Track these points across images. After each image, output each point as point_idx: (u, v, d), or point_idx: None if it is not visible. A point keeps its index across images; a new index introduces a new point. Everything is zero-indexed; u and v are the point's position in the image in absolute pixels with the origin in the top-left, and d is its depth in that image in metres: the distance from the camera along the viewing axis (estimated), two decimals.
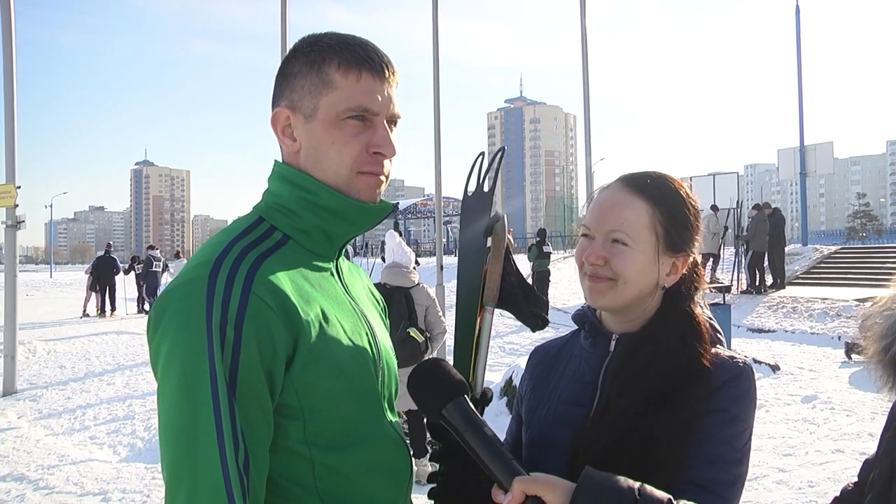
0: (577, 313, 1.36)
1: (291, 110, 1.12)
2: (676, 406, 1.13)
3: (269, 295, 1.00)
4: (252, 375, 0.96)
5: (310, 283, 1.09)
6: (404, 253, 5.50)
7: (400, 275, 5.31)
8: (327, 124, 1.10)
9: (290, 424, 1.03)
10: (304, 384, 1.03)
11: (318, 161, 1.12)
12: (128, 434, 7.10)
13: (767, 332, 12.41)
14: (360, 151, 1.11)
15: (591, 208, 1.27)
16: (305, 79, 1.11)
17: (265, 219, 1.13)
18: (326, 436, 1.05)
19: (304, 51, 1.12)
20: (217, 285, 0.98)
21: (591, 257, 1.22)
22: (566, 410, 1.26)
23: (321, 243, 1.15)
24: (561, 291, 17.29)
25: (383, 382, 1.17)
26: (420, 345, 5.13)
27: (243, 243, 1.06)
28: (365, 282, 1.36)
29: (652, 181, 1.26)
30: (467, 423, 1.04)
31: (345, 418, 1.07)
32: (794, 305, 13.75)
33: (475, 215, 1.33)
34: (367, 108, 1.10)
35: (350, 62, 1.10)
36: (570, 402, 1.26)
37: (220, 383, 0.94)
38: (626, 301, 1.23)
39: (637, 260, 1.21)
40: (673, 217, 1.24)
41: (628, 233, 1.21)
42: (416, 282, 5.36)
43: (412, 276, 5.35)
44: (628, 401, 1.15)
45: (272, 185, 1.17)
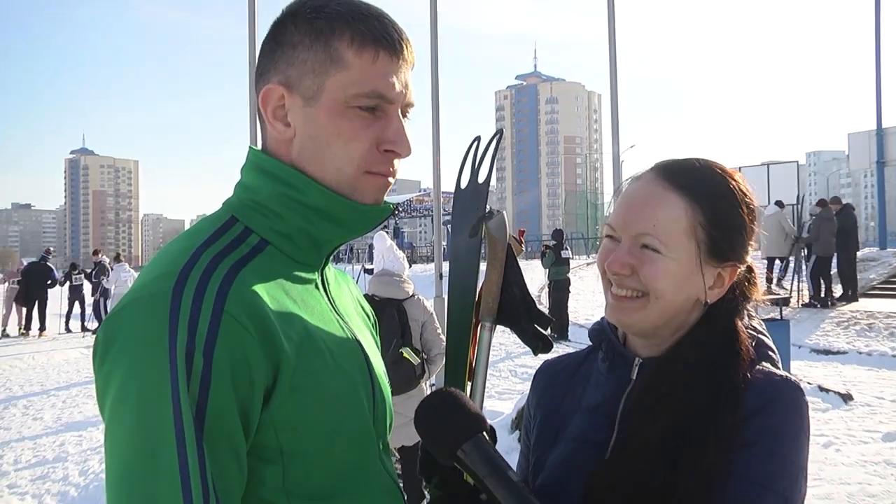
0: (595, 328, 1.35)
1: (287, 88, 1.11)
2: (702, 444, 1.12)
3: (245, 314, 0.99)
4: (224, 413, 0.96)
5: (291, 298, 1.09)
6: (396, 259, 5.48)
7: (391, 285, 5.29)
8: (333, 111, 1.09)
9: (266, 470, 1.02)
10: (285, 422, 1.02)
11: (316, 154, 1.11)
12: (58, 481, 7.04)
13: (836, 353, 12.37)
14: (369, 147, 1.11)
15: (618, 204, 1.26)
16: (308, 52, 1.09)
17: (239, 219, 1.12)
18: (309, 484, 1.05)
19: (306, 16, 1.10)
20: (183, 302, 0.97)
21: (615, 265, 1.21)
22: (578, 450, 1.26)
23: (306, 249, 1.14)
24: (583, 304, 17.30)
25: (377, 416, 1.18)
26: (415, 368, 5.10)
27: (214, 250, 1.05)
28: (354, 292, 1.37)
29: (694, 171, 1.24)
30: (489, 467, 1.05)
31: (332, 462, 1.07)
32: (869, 322, 13.73)
33: (468, 212, 1.35)
34: (382, 94, 1.10)
35: (366, 38, 1.09)
36: (583, 439, 1.27)
37: (187, 422, 0.92)
38: (656, 321, 1.22)
39: (671, 270, 1.19)
40: (719, 218, 1.21)
41: (660, 237, 1.19)
42: (411, 293, 5.34)
43: (406, 286, 5.33)
44: (647, 439, 1.15)
45: (247, 178, 1.16)
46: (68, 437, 8.44)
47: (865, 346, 12.49)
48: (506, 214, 1.31)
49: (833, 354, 12.33)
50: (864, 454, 6.74)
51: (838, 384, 9.60)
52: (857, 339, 12.99)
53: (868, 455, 6.71)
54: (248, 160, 1.17)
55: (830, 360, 12.04)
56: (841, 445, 6.99)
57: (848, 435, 7.38)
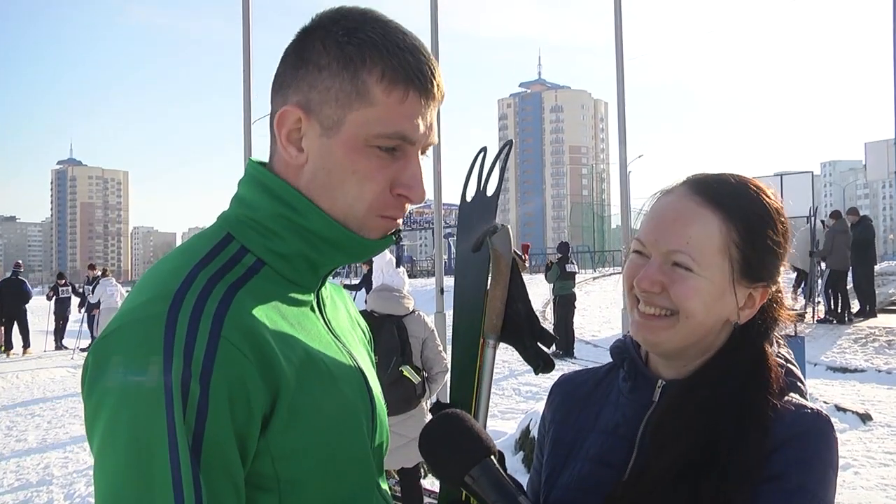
0: (617, 346, 1.35)
1: (306, 113, 1.09)
2: (724, 471, 1.11)
3: (243, 339, 0.98)
4: (222, 443, 0.95)
5: (288, 321, 1.09)
6: (395, 273, 5.49)
7: (391, 300, 5.28)
8: (351, 147, 1.08)
9: (262, 498, 1.02)
10: (284, 450, 1.02)
11: (328, 187, 1.10)
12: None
13: (854, 371, 12.32)
14: (382, 190, 1.10)
15: (649, 218, 1.26)
16: (334, 80, 1.07)
17: (235, 237, 1.11)
18: None
19: (337, 38, 1.08)
20: (178, 327, 0.96)
21: (645, 282, 1.20)
22: (595, 471, 1.26)
23: (303, 271, 1.14)
24: (590, 321, 17.28)
25: (374, 439, 1.18)
26: (416, 387, 5.10)
27: (210, 270, 1.04)
28: (349, 309, 1.37)
29: (729, 188, 1.23)
30: (498, 493, 1.06)
31: (329, 488, 1.07)
32: (888, 338, 13.70)
33: (475, 225, 1.35)
34: (405, 136, 1.08)
35: (397, 75, 1.07)
36: (599, 459, 1.27)
37: (183, 453, 0.91)
38: (684, 342, 1.22)
39: (703, 289, 1.19)
40: (754, 237, 1.21)
41: (693, 255, 1.19)
42: (411, 309, 5.34)
43: (405, 301, 5.33)
44: (669, 465, 1.14)
45: (246, 193, 1.15)
46: (53, 460, 8.41)
47: (885, 364, 12.44)
48: (510, 228, 1.30)
49: (850, 372, 12.28)
50: (885, 477, 6.71)
51: (856, 403, 9.55)
52: (875, 357, 12.95)
53: (889, 478, 6.67)
54: (247, 174, 1.16)
55: (848, 378, 11.99)
56: (860, 468, 6.96)
57: (867, 457, 7.35)
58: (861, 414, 8.88)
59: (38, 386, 13.21)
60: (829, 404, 8.98)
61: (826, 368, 12.50)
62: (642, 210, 1.31)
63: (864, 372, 12.19)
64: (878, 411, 9.27)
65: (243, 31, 8.28)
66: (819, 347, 13.49)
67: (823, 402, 9.27)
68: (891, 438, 8.08)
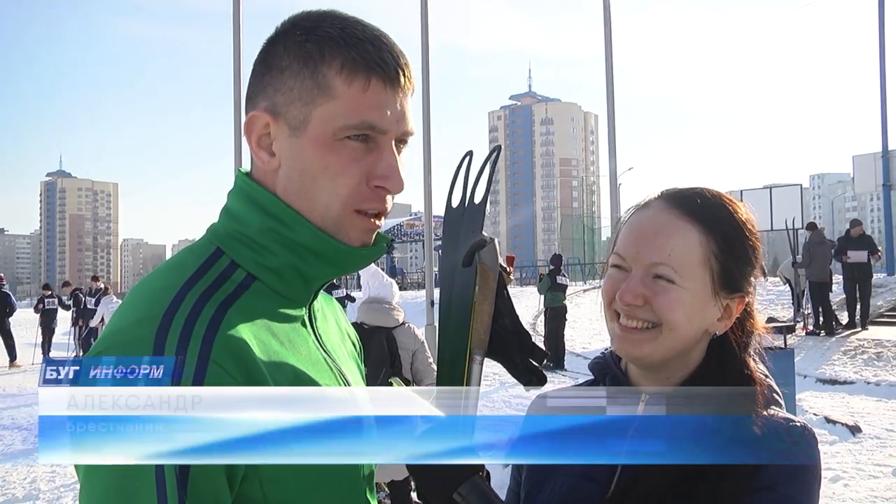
0: (597, 362, 1.36)
1: (273, 116, 1.08)
2: (715, 484, 1.12)
3: (232, 362, 0.97)
4: (209, 470, 0.94)
5: (278, 338, 1.07)
6: (384, 285, 5.46)
7: (380, 312, 5.27)
8: (320, 143, 1.07)
9: None
10: (272, 473, 1.01)
11: (303, 189, 1.09)
12: None
13: (844, 383, 12.36)
14: (358, 183, 1.08)
15: (627, 232, 1.26)
16: (296, 79, 1.07)
17: (224, 251, 1.10)
18: None
19: (296, 39, 1.08)
20: (166, 351, 0.95)
21: (628, 296, 1.21)
22: (580, 486, 1.26)
23: (294, 285, 1.13)
24: (580, 332, 17.28)
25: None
26: None
27: (199, 289, 1.03)
28: (340, 321, 1.35)
29: (705, 201, 1.26)
30: None
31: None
32: (877, 350, 13.74)
33: (461, 234, 1.32)
34: (373, 124, 1.07)
35: (357, 65, 1.06)
36: (584, 475, 1.26)
37: (169, 480, 0.91)
38: (667, 353, 1.23)
39: (686, 301, 1.21)
40: (731, 249, 1.24)
41: (675, 267, 1.21)
42: (401, 321, 5.32)
43: (395, 313, 5.32)
44: (658, 477, 1.14)
45: (234, 206, 1.14)
46: (40, 474, 8.32)
47: (874, 376, 12.49)
48: (497, 242, 1.29)
49: (840, 384, 12.32)
50: (874, 489, 6.71)
51: (846, 416, 9.58)
52: (864, 369, 12.99)
53: (878, 490, 6.68)
54: (236, 185, 1.15)
55: (837, 390, 12.02)
56: (849, 480, 6.96)
57: (857, 469, 7.35)
58: (850, 426, 8.90)
59: (24, 399, 13.09)
60: (819, 416, 9.01)
61: (815, 381, 12.53)
62: (619, 225, 1.32)
63: (854, 384, 12.23)
64: (868, 423, 9.30)
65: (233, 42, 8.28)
66: (808, 360, 13.53)
67: (813, 415, 9.30)
68: (880, 450, 8.10)
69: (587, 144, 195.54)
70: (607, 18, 9.90)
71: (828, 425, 8.74)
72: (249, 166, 1.15)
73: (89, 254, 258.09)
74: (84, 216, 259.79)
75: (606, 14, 9.89)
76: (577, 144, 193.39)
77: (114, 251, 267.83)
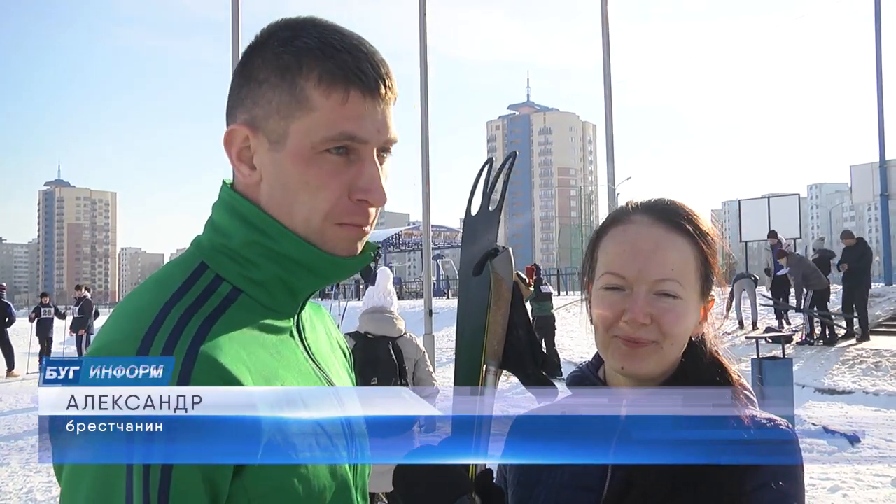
0: (576, 376, 1.37)
1: (252, 130, 1.07)
2: (710, 483, 1.13)
3: (215, 376, 0.96)
4: (189, 487, 0.92)
5: (266, 351, 1.06)
6: (386, 294, 5.42)
7: (384, 322, 5.23)
8: (299, 157, 1.05)
9: None
10: (260, 490, 0.99)
11: (284, 203, 1.07)
12: None
13: (842, 393, 12.35)
14: (339, 196, 1.06)
15: (620, 251, 1.26)
16: (274, 91, 1.05)
17: (209, 266, 1.09)
18: None
19: (274, 50, 1.06)
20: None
21: (639, 316, 1.20)
22: (572, 497, 1.25)
23: (281, 297, 1.11)
24: (578, 342, 17.22)
25: (357, 470, 1.15)
26: None
27: (183, 305, 1.02)
28: (329, 330, 1.34)
29: (683, 211, 1.28)
30: None
31: None
32: (876, 360, 13.71)
33: (478, 241, 1.31)
34: (352, 135, 1.05)
35: (335, 77, 1.04)
36: (575, 485, 1.26)
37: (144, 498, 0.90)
38: (667, 365, 1.25)
39: (686, 314, 1.23)
40: (709, 255, 1.27)
41: (680, 281, 1.22)
42: (403, 330, 5.29)
43: (398, 323, 5.29)
44: (652, 478, 1.15)
45: (219, 219, 1.12)
46: (37, 484, 8.28)
47: (872, 386, 12.47)
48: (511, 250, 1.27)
49: (839, 394, 12.31)
50: (874, 500, 6.70)
51: (844, 425, 9.57)
52: (863, 379, 12.97)
53: (877, 501, 6.66)
54: (220, 197, 1.13)
55: (836, 399, 12.02)
56: (848, 490, 6.94)
57: (855, 479, 7.33)
58: (849, 436, 8.88)
59: (21, 408, 13.05)
60: (818, 426, 9.00)
61: (814, 390, 12.52)
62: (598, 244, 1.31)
63: (852, 394, 12.21)
64: (867, 433, 9.28)
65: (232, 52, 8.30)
66: (807, 369, 13.51)
67: (812, 425, 9.28)
68: (879, 460, 8.08)
69: (585, 154, 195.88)
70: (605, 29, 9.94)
71: (826, 435, 8.73)
72: (232, 180, 1.14)
73: (87, 263, 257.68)
74: (82, 225, 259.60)
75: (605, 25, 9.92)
76: (576, 154, 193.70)
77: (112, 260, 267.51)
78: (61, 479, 0.96)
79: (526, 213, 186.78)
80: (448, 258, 46.05)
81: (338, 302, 23.87)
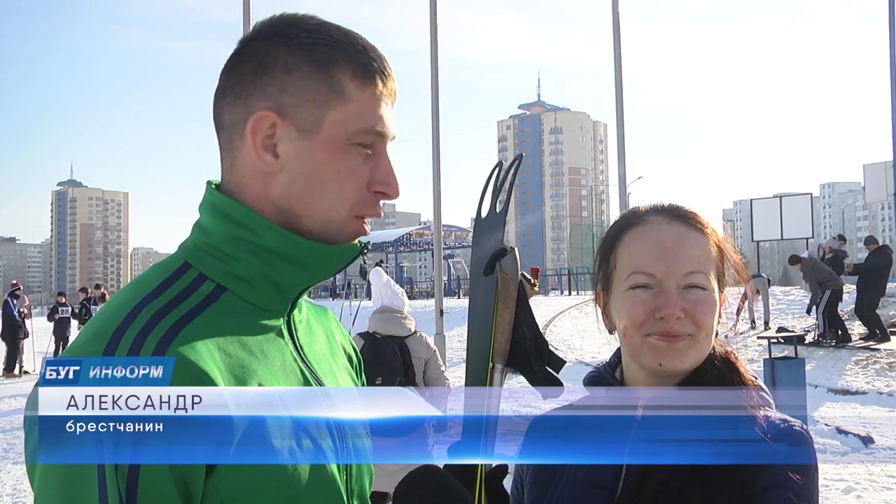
0: (593, 376, 1.37)
1: (281, 117, 1.07)
2: (724, 483, 1.14)
3: (183, 378, 0.95)
4: (159, 487, 0.92)
5: (248, 350, 1.05)
6: (395, 294, 5.45)
7: (392, 321, 5.26)
8: (334, 146, 1.07)
9: None
10: (234, 492, 0.98)
11: (307, 192, 1.08)
12: None
13: (856, 393, 12.28)
14: (361, 188, 1.09)
15: (646, 250, 1.27)
16: (308, 81, 1.06)
17: (192, 264, 1.09)
18: None
19: (302, 42, 1.07)
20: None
21: (675, 310, 1.21)
22: (586, 493, 1.26)
23: (267, 294, 1.10)
24: (590, 342, 17.20)
25: (351, 473, 1.13)
26: None
27: (155, 306, 1.01)
28: (333, 334, 1.32)
29: (692, 212, 1.32)
30: None
31: None
32: (890, 360, 13.64)
33: (486, 243, 1.34)
34: (380, 131, 1.09)
35: (367, 71, 1.09)
36: (589, 482, 1.27)
37: (115, 499, 0.90)
38: (701, 358, 1.26)
39: (714, 305, 1.26)
40: (722, 251, 1.31)
41: (706, 272, 1.25)
42: (413, 329, 5.31)
43: (407, 322, 5.31)
44: (666, 476, 1.16)
45: (203, 218, 1.13)
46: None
47: (886, 387, 12.40)
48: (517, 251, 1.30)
49: (852, 395, 12.24)
50: (888, 501, 6.66)
51: (858, 426, 9.50)
52: (877, 379, 12.90)
53: (892, 502, 6.63)
54: (204, 198, 1.13)
55: (849, 400, 11.95)
56: (862, 492, 6.91)
57: (869, 480, 7.30)
58: (863, 437, 8.82)
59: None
60: (831, 427, 8.94)
61: (827, 391, 12.45)
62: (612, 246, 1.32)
63: (866, 394, 12.14)
64: (881, 434, 9.21)
65: None
66: (820, 370, 13.45)
67: (825, 425, 9.23)
68: (893, 461, 8.04)
69: (596, 153, 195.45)
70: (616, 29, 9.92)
71: (840, 436, 8.68)
72: (222, 174, 1.13)
73: (100, 262, 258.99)
74: (95, 225, 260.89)
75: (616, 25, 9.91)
76: (586, 153, 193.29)
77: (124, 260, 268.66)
78: (33, 480, 0.96)
79: (536, 212, 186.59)
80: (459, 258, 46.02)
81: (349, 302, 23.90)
